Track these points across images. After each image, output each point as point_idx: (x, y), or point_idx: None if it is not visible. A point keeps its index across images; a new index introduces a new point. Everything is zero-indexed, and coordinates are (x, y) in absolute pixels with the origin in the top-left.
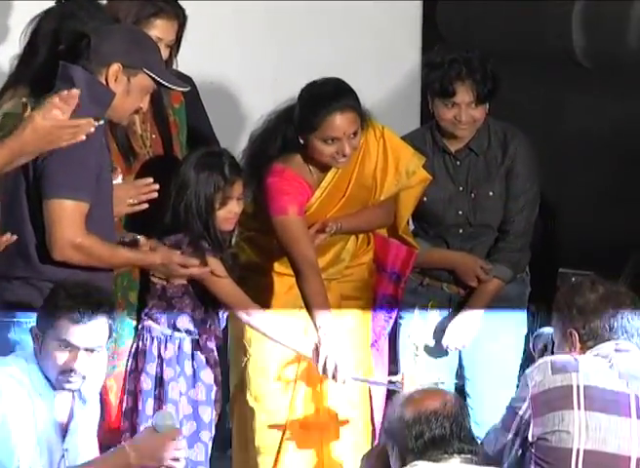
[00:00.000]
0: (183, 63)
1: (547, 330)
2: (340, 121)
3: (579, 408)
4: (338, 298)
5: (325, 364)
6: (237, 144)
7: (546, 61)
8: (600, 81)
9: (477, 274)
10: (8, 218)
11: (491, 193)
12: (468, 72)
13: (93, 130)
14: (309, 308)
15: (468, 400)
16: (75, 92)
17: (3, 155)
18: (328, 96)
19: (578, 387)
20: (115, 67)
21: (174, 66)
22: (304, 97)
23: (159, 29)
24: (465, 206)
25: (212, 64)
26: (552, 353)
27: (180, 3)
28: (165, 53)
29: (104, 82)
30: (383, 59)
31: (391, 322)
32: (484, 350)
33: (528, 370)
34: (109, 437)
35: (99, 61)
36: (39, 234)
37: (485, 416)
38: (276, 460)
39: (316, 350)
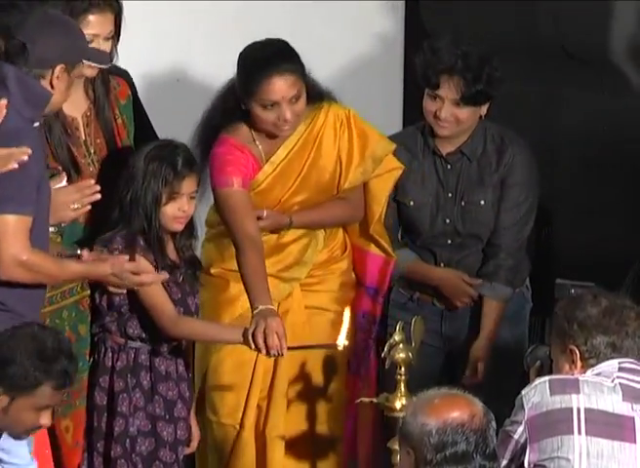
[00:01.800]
0: (148, 60)
1: (542, 346)
2: (278, 84)
3: (579, 432)
4: (300, 307)
5: (260, 341)
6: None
7: (540, 56)
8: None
9: (464, 290)
10: None
11: (482, 202)
12: (460, 68)
13: (26, 158)
14: (246, 285)
15: None
16: (2, 103)
17: None
18: (266, 58)
19: (578, 410)
20: (59, 68)
21: (114, 59)
22: (242, 60)
23: (94, 25)
24: (453, 214)
25: (178, 61)
26: (550, 372)
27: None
28: (106, 46)
29: (49, 83)
30: (365, 58)
31: (372, 343)
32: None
33: (524, 391)
34: None
35: (42, 66)
36: None
37: None
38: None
39: (247, 332)
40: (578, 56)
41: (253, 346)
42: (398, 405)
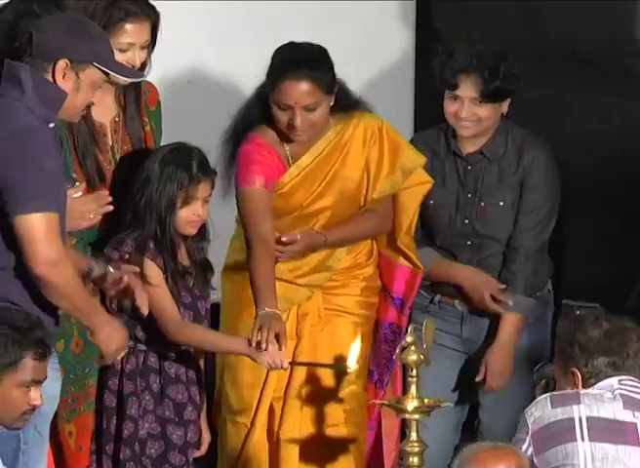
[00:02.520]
0: (159, 62)
1: (549, 365)
2: (293, 89)
3: (582, 439)
4: (320, 311)
5: (267, 357)
6: (213, 144)
7: (550, 60)
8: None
9: (494, 295)
10: None
11: (501, 203)
12: (477, 66)
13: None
14: (254, 287)
15: (480, 426)
16: None
17: None
18: (291, 60)
19: (580, 419)
20: (62, 64)
21: (147, 67)
22: (273, 57)
23: (130, 34)
24: (472, 214)
25: (189, 63)
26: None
27: (155, 2)
28: (142, 55)
29: (51, 80)
30: (374, 57)
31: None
32: None
33: (526, 409)
34: None
35: (43, 58)
36: None
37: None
38: None
39: (250, 341)
40: (586, 59)
41: (256, 358)
42: (410, 406)
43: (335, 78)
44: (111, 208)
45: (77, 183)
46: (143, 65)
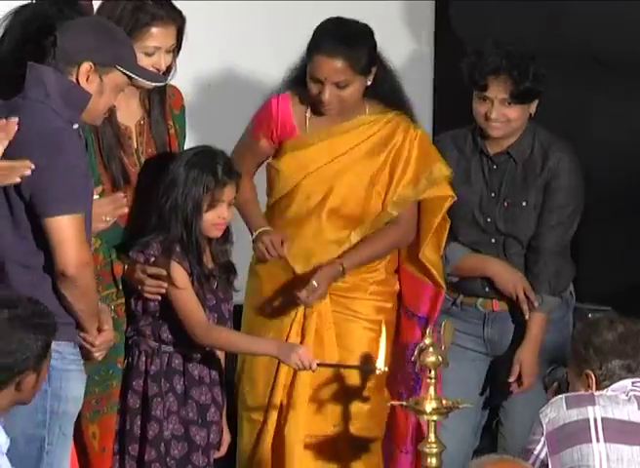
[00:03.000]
0: (181, 66)
1: (561, 368)
2: (325, 64)
3: (597, 440)
4: (327, 312)
5: (296, 358)
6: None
7: (567, 64)
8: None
9: (526, 290)
10: None
11: (524, 203)
12: (506, 67)
13: (29, 172)
14: (243, 214)
15: (501, 428)
16: (14, 120)
17: None
18: (329, 34)
19: (595, 420)
20: (86, 66)
21: (172, 71)
22: (317, 28)
23: (156, 38)
24: (494, 213)
25: (209, 66)
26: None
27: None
28: (167, 58)
29: (75, 82)
30: (393, 58)
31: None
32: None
33: (541, 409)
34: None
35: (67, 60)
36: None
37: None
38: None
39: (280, 347)
40: (607, 63)
41: (285, 360)
42: (428, 408)
43: (373, 60)
44: (126, 210)
45: (94, 186)
46: (169, 69)
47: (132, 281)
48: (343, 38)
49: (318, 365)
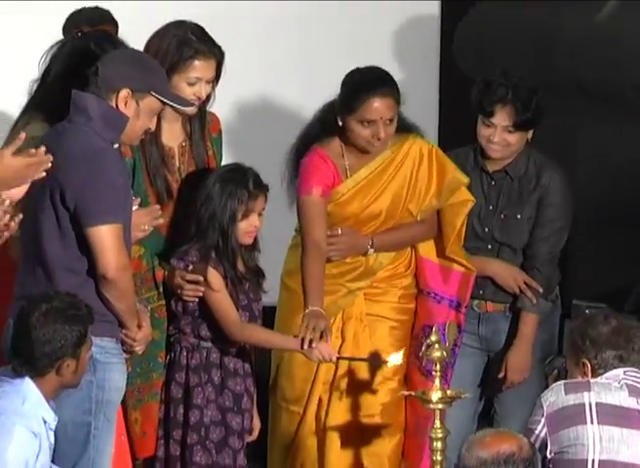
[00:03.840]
0: (218, 94)
1: (559, 358)
2: (379, 105)
3: (591, 422)
4: (362, 315)
5: (317, 352)
6: (265, 163)
7: (557, 92)
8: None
9: (527, 282)
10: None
11: (518, 216)
12: (512, 98)
13: (50, 165)
14: (304, 286)
15: (496, 415)
16: (22, 136)
17: None
18: (370, 80)
19: (590, 404)
20: (124, 93)
21: (212, 99)
22: (348, 81)
23: (198, 70)
24: (492, 224)
25: (243, 95)
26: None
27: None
28: (207, 88)
29: (115, 107)
30: (403, 87)
31: (457, 349)
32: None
33: (542, 394)
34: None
35: (108, 88)
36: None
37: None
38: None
39: (302, 340)
40: (594, 92)
41: (308, 355)
42: (434, 397)
43: (399, 92)
44: (162, 221)
45: (133, 198)
46: (208, 98)
47: (172, 285)
48: (383, 79)
49: (337, 358)
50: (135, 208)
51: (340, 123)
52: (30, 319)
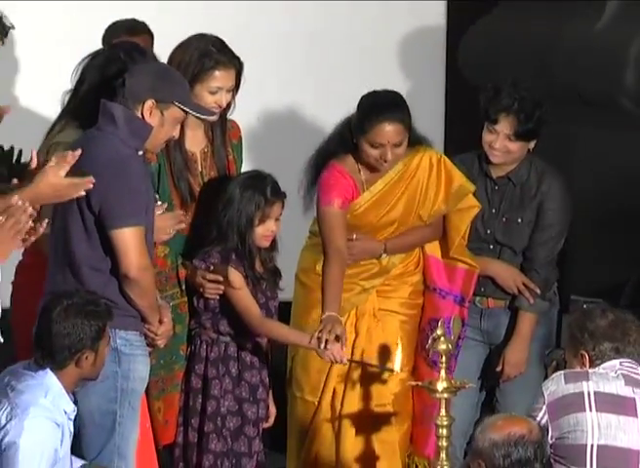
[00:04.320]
0: (238, 102)
1: (558, 350)
2: (387, 130)
3: (590, 410)
4: (375, 311)
5: (323, 338)
6: (283, 170)
7: (556, 101)
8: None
9: (525, 283)
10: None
11: (519, 220)
12: (517, 109)
13: (91, 186)
14: (323, 291)
15: (497, 405)
16: (77, 153)
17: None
18: (382, 105)
19: (589, 393)
20: (149, 103)
21: (232, 107)
22: (363, 103)
23: (219, 79)
24: (494, 226)
25: (263, 103)
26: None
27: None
28: (227, 97)
29: (141, 116)
30: (411, 95)
31: (461, 342)
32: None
33: (543, 383)
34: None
35: (134, 98)
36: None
37: None
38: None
39: (318, 339)
40: (593, 102)
41: (321, 355)
42: (440, 387)
43: (410, 117)
44: (184, 225)
45: (159, 203)
46: (229, 105)
47: (194, 283)
48: (395, 105)
49: (348, 360)
50: (159, 212)
51: (355, 140)
52: (52, 314)
